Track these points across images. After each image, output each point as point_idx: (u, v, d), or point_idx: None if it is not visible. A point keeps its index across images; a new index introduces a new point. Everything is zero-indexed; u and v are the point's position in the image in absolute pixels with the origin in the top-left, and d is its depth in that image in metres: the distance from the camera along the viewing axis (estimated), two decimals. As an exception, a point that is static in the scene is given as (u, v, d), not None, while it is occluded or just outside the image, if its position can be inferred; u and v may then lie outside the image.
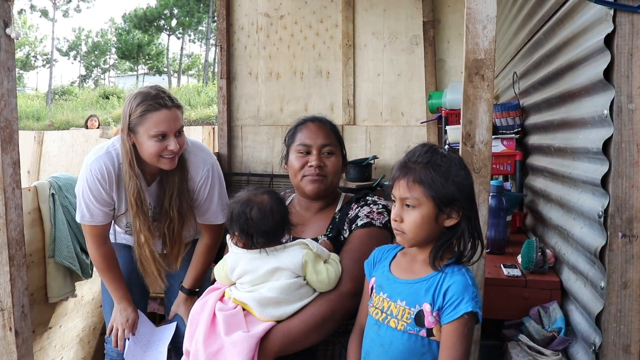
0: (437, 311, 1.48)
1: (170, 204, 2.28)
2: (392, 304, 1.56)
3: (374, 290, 1.64)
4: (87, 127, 10.30)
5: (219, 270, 1.89)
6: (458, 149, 2.15)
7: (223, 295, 1.85)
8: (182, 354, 1.86)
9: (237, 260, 1.81)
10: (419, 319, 1.50)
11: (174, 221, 2.30)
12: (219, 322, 1.73)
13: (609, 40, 1.67)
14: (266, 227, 1.76)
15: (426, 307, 1.49)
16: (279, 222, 1.79)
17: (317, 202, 2.10)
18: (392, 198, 1.57)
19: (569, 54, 2.13)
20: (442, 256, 1.52)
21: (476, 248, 1.53)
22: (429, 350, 1.51)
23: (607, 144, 1.70)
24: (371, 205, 2.02)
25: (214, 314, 1.78)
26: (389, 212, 2.05)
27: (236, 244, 1.82)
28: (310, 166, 2.01)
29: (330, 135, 2.08)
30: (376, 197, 2.12)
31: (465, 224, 1.51)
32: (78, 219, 2.32)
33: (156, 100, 2.12)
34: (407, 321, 1.51)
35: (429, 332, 1.50)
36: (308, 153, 2.04)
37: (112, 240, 2.45)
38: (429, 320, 1.49)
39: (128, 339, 2.43)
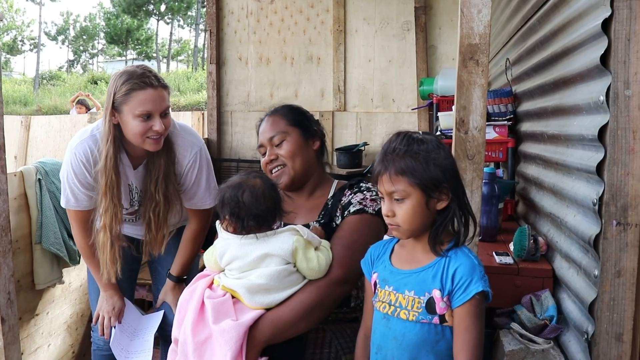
0: (447, 296, 1.46)
1: (155, 187, 2.23)
2: (399, 296, 1.54)
3: (377, 286, 1.61)
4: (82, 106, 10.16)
5: (209, 256, 1.85)
6: (450, 135, 2.13)
7: (212, 283, 1.82)
8: (170, 342, 1.83)
9: (226, 246, 1.77)
10: (429, 306, 1.48)
11: (159, 205, 2.25)
12: (208, 310, 1.70)
13: (606, 25, 1.64)
14: (258, 211, 1.72)
15: (436, 294, 1.47)
16: (270, 206, 1.76)
17: (306, 189, 2.09)
18: (379, 194, 1.55)
19: (564, 40, 2.10)
20: (442, 240, 1.51)
21: (468, 225, 1.52)
22: (442, 337, 1.49)
23: (602, 131, 1.67)
24: (364, 192, 2.00)
25: (203, 301, 1.75)
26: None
27: (226, 229, 1.78)
28: (268, 163, 2.07)
29: (279, 122, 2.09)
30: (370, 183, 2.10)
31: (455, 204, 1.49)
32: (63, 203, 2.27)
33: (142, 79, 2.08)
34: (418, 311, 1.50)
35: (442, 318, 1.48)
36: (266, 152, 2.09)
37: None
38: (440, 306, 1.47)
39: (114, 327, 2.40)
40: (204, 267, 1.94)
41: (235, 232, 1.76)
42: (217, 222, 1.85)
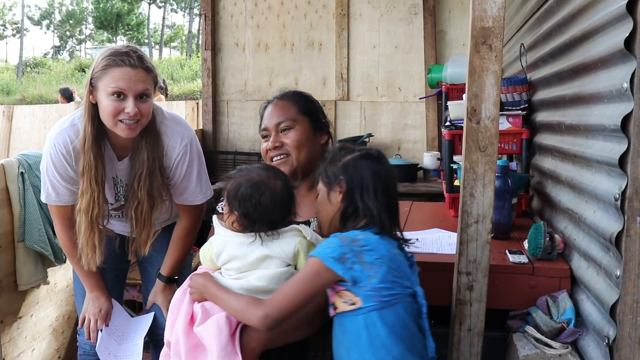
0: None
1: (139, 184, 2.20)
2: None
3: None
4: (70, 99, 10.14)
5: (204, 252, 1.84)
6: (461, 125, 2.11)
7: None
8: (161, 346, 1.83)
9: (223, 244, 1.76)
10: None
11: (142, 203, 2.21)
12: (197, 315, 1.71)
13: (631, 6, 1.61)
14: (272, 218, 1.72)
15: None
16: (285, 213, 1.76)
17: (306, 182, 2.08)
18: None
19: (584, 23, 2.08)
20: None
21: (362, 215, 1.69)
22: (344, 329, 1.61)
23: (625, 120, 1.65)
24: None
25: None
26: None
27: (232, 224, 1.76)
28: (270, 150, 2.07)
29: (288, 108, 2.09)
30: None
31: (347, 200, 1.69)
32: (43, 198, 2.25)
33: (121, 57, 2.05)
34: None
35: (334, 307, 1.62)
36: (268, 136, 2.09)
37: None
38: (328, 293, 1.65)
39: (101, 330, 2.39)
40: (197, 266, 1.92)
41: (241, 230, 1.74)
42: (215, 217, 1.83)
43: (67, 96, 10.23)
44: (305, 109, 2.10)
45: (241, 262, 1.72)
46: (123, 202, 2.32)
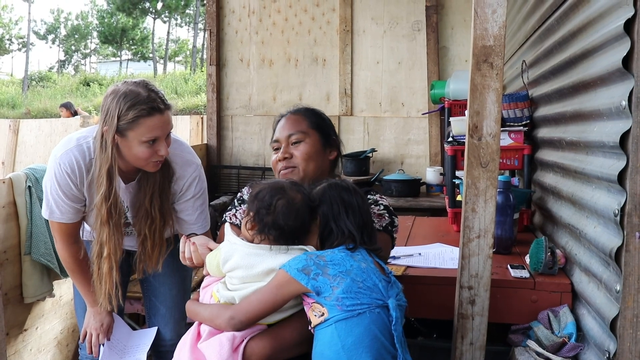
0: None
1: (151, 203, 2.23)
2: None
3: None
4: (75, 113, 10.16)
5: (212, 259, 1.86)
6: (463, 141, 2.14)
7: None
8: (163, 359, 1.85)
9: (232, 252, 1.77)
10: None
11: (155, 221, 2.25)
12: (204, 333, 1.75)
13: (628, 26, 1.64)
14: (283, 223, 1.73)
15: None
16: (297, 226, 1.75)
17: None
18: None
19: (584, 41, 2.11)
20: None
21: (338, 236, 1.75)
22: (323, 341, 1.62)
23: (624, 137, 1.68)
24: (372, 206, 2.01)
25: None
26: (390, 212, 2.07)
27: (245, 224, 1.79)
28: (279, 161, 2.08)
29: (300, 122, 2.10)
30: (378, 195, 2.13)
31: (324, 223, 1.78)
32: (46, 215, 2.25)
33: (149, 104, 2.06)
34: None
35: (310, 322, 1.67)
36: (279, 149, 2.10)
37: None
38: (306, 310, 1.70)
39: (103, 344, 2.40)
40: (198, 283, 1.95)
41: (253, 231, 1.77)
42: (228, 224, 1.86)
43: (71, 110, 10.27)
44: (316, 124, 2.12)
45: (246, 272, 1.73)
46: (122, 234, 2.34)
